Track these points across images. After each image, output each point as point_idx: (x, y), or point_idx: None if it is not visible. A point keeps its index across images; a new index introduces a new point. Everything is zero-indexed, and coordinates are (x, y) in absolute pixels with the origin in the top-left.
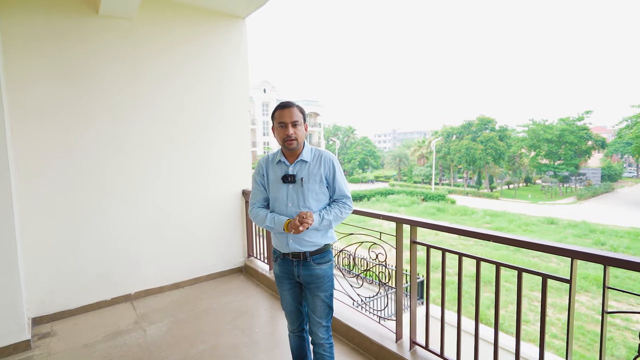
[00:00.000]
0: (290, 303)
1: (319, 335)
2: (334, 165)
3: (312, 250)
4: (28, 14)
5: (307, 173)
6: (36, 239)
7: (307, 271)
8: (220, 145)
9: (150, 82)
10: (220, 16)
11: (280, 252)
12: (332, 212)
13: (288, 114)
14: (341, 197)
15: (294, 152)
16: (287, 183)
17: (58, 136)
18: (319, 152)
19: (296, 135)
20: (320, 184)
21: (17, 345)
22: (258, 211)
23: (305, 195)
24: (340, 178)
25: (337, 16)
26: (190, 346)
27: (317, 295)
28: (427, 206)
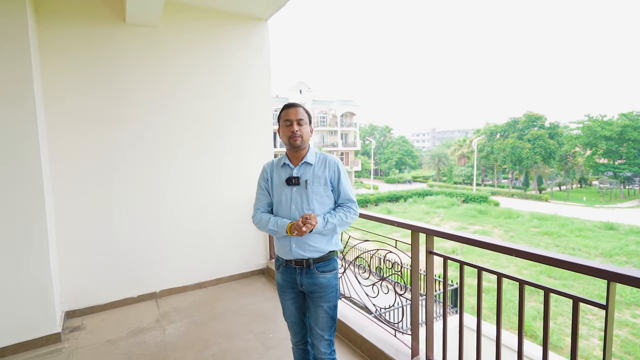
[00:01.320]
0: (293, 314)
1: (321, 349)
2: (338, 168)
3: (315, 257)
4: (64, 24)
5: (312, 175)
6: (70, 238)
7: (310, 280)
8: (244, 148)
9: (172, 86)
10: (241, 19)
11: (283, 259)
12: (337, 216)
13: (294, 112)
14: (346, 202)
15: (299, 155)
16: (291, 185)
17: (89, 139)
18: (323, 155)
19: (301, 132)
20: (325, 187)
21: (49, 338)
22: (261, 216)
23: (310, 198)
24: (345, 182)
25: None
26: (204, 348)
27: (320, 306)
28: (467, 208)
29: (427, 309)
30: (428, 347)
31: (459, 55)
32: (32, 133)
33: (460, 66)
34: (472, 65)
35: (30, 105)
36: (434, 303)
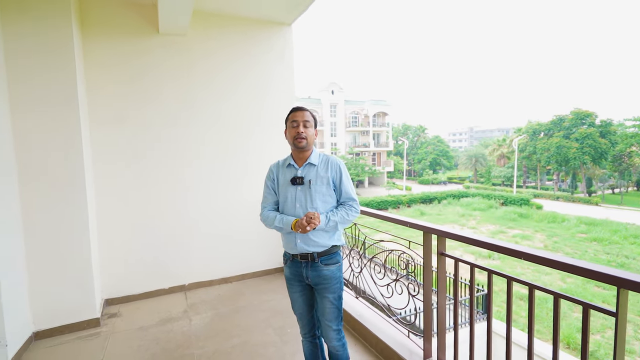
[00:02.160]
0: (301, 306)
1: (331, 338)
2: (340, 168)
3: (319, 251)
4: (105, 36)
5: (315, 175)
6: (110, 232)
7: (315, 272)
8: (267, 149)
9: (199, 90)
10: (264, 24)
11: (290, 254)
12: (339, 214)
13: (300, 115)
14: (348, 200)
15: (303, 156)
16: (295, 185)
17: (124, 142)
18: (326, 156)
19: (306, 134)
20: (328, 187)
21: (89, 322)
22: (268, 213)
23: (313, 197)
24: (347, 181)
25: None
26: (225, 340)
27: (326, 297)
28: (506, 211)
29: (438, 311)
30: (440, 350)
31: (500, 51)
32: (76, 135)
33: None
34: (514, 61)
35: (75, 110)
36: (445, 305)
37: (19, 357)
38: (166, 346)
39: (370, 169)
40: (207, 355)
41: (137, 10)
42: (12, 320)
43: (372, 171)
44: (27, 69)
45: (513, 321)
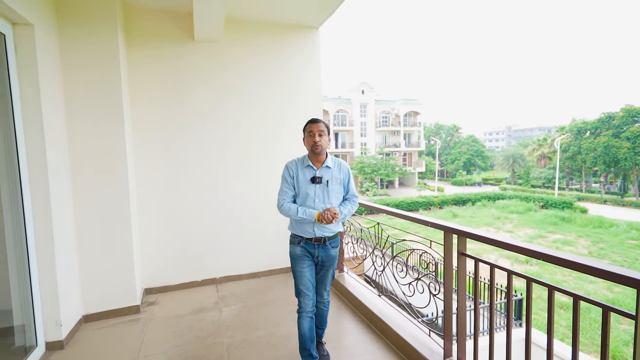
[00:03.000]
0: (308, 280)
1: (324, 296)
2: (349, 172)
3: (329, 235)
4: (146, 45)
5: (331, 176)
6: (149, 228)
7: (325, 252)
8: (295, 149)
9: (229, 93)
10: (292, 29)
11: (303, 237)
12: (347, 207)
13: (316, 127)
14: (352, 196)
15: (319, 159)
16: (315, 183)
17: (162, 145)
18: (338, 161)
19: (321, 142)
20: (340, 186)
21: (131, 308)
22: (289, 205)
23: (330, 194)
24: (352, 182)
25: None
26: (252, 330)
27: (329, 271)
28: (546, 214)
29: (458, 311)
30: (460, 349)
31: (541, 46)
32: (120, 138)
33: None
34: (557, 56)
35: (120, 115)
36: (466, 306)
37: (71, 336)
38: (198, 334)
39: (400, 170)
40: (236, 344)
41: (175, 20)
42: (66, 304)
43: (402, 172)
44: (79, 77)
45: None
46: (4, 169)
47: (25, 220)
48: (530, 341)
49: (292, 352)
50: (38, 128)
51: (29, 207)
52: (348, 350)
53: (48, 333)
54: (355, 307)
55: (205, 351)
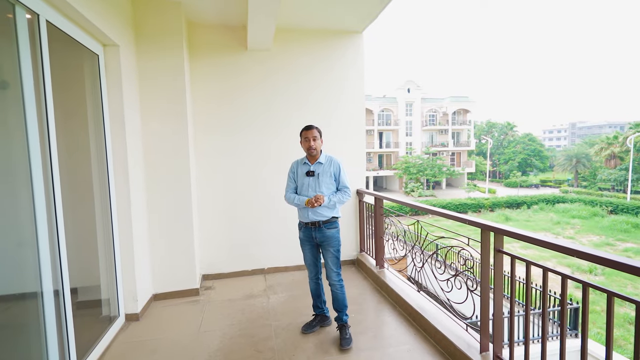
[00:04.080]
0: (309, 257)
1: (332, 278)
2: (339, 166)
3: (323, 220)
4: (206, 56)
5: (322, 170)
6: (207, 220)
7: (320, 234)
8: (338, 148)
9: (278, 96)
10: (337, 34)
11: (303, 222)
12: (337, 196)
13: (310, 133)
14: (343, 187)
15: (314, 157)
16: (309, 176)
17: (217, 144)
18: (330, 158)
19: (315, 146)
20: (330, 178)
21: (191, 291)
22: (291, 195)
23: (320, 184)
24: (344, 174)
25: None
26: (296, 317)
27: (329, 250)
28: (616, 220)
29: (495, 307)
30: (496, 344)
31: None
32: (184, 139)
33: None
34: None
35: (184, 118)
36: (502, 302)
37: (144, 310)
38: (249, 316)
39: (448, 170)
40: (282, 327)
41: (230, 33)
42: (141, 283)
43: (450, 172)
44: (152, 87)
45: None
46: (96, 166)
47: (112, 210)
48: (587, 352)
49: (334, 337)
50: (121, 131)
51: (114, 199)
52: (387, 340)
53: (127, 306)
54: (395, 301)
55: (255, 331)
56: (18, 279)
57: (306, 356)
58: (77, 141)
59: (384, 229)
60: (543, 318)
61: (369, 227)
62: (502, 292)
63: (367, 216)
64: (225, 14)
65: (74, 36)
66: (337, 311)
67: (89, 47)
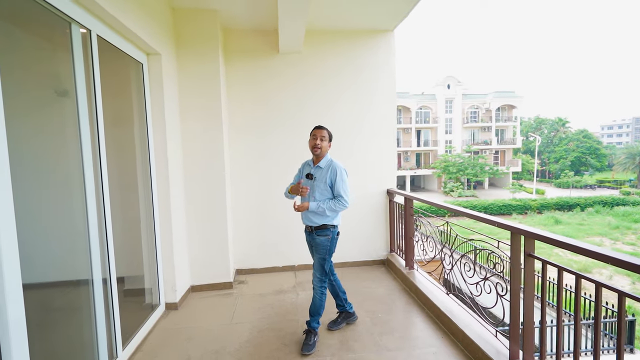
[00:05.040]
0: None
1: (314, 282)
2: (337, 173)
3: (314, 225)
4: (240, 59)
5: (319, 175)
6: (240, 217)
7: (311, 238)
8: (369, 147)
9: (309, 97)
10: (368, 33)
11: (305, 225)
12: (328, 203)
13: (319, 132)
14: (338, 196)
15: (318, 159)
16: (307, 179)
17: (251, 143)
18: (331, 164)
19: (320, 145)
20: (325, 184)
21: (225, 284)
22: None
23: (315, 189)
24: (340, 183)
25: None
26: (324, 314)
27: (315, 255)
28: None
29: (525, 312)
30: (527, 352)
31: None
32: (219, 140)
33: None
34: None
35: (219, 121)
36: (533, 308)
37: (182, 300)
38: (278, 311)
39: (491, 169)
40: None
41: (263, 37)
42: (180, 275)
43: (493, 171)
44: (190, 90)
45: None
46: (140, 166)
47: (154, 207)
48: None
49: (359, 334)
50: (162, 133)
51: (156, 195)
52: (414, 341)
53: (167, 296)
54: (423, 303)
55: (283, 325)
56: (76, 267)
57: (330, 352)
58: (123, 142)
59: (413, 230)
60: (576, 330)
61: (399, 227)
62: (533, 298)
63: (397, 216)
64: (258, 19)
65: (122, 48)
66: (310, 315)
67: (134, 57)
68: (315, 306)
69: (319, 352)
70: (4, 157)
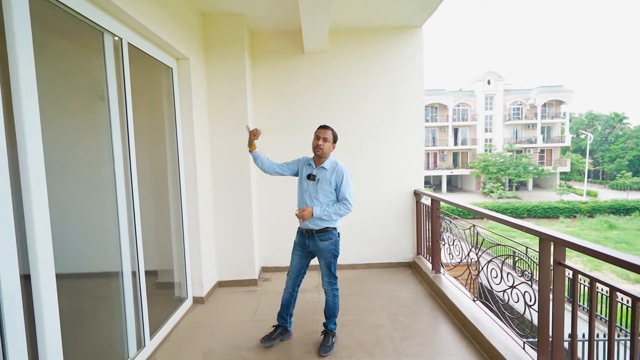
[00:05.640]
0: (296, 264)
1: (325, 286)
2: (343, 176)
3: (317, 229)
4: (265, 61)
5: (323, 177)
6: (265, 217)
7: (313, 243)
8: (396, 147)
9: (336, 97)
10: (395, 30)
11: (301, 228)
12: (334, 207)
13: (322, 132)
14: (343, 199)
15: (320, 161)
16: (309, 180)
17: (277, 144)
18: (336, 165)
19: (323, 146)
20: (330, 186)
21: (250, 281)
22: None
23: (318, 191)
24: (345, 186)
25: None
26: (344, 314)
27: (321, 260)
28: None
29: (554, 324)
30: None
31: None
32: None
33: None
34: None
35: (245, 120)
36: (563, 320)
37: (209, 295)
38: (300, 309)
39: (535, 169)
40: None
41: (288, 38)
42: (207, 270)
43: (538, 171)
44: (217, 92)
45: None
46: (170, 164)
47: (182, 204)
48: None
49: (380, 338)
50: (190, 132)
51: (184, 193)
52: (437, 349)
53: (194, 290)
54: (449, 308)
55: (303, 324)
56: (108, 260)
57: (348, 354)
58: (154, 144)
59: (440, 232)
60: (610, 347)
61: (426, 229)
62: (564, 309)
63: (424, 218)
64: (282, 20)
65: (152, 54)
66: (326, 317)
67: (164, 62)
68: (329, 308)
69: (336, 353)
70: (39, 158)
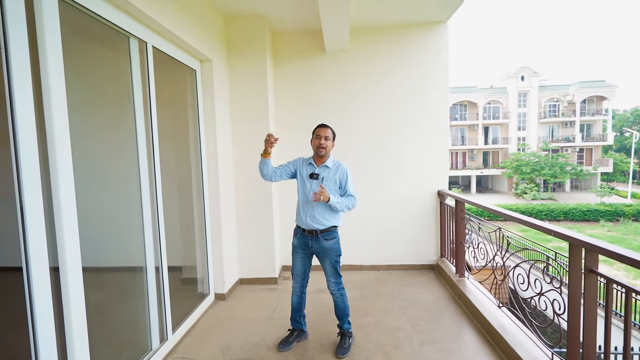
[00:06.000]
0: (299, 268)
1: (331, 287)
2: (346, 173)
3: (321, 228)
4: (287, 61)
5: (327, 175)
6: (285, 217)
7: (317, 244)
8: (421, 146)
9: (359, 97)
10: (418, 26)
11: (300, 228)
12: (345, 201)
13: (323, 131)
14: (349, 195)
15: (321, 160)
16: (312, 179)
17: (298, 144)
18: (338, 163)
19: (325, 145)
20: (334, 184)
21: (271, 279)
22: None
23: None
24: (350, 184)
25: None
26: (363, 316)
27: (325, 261)
28: None
29: (585, 335)
30: None
31: None
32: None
33: None
34: None
35: (266, 120)
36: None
37: (230, 292)
38: (318, 309)
39: (574, 169)
40: None
41: (309, 37)
42: (228, 268)
43: (577, 172)
44: (240, 92)
45: None
46: (193, 162)
47: (205, 203)
48: None
49: (399, 342)
50: (212, 132)
51: (207, 192)
52: (457, 355)
53: (216, 287)
54: (472, 314)
55: (321, 324)
56: (133, 255)
57: (365, 356)
58: (177, 143)
59: (464, 234)
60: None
61: (450, 231)
62: (596, 320)
63: (448, 220)
64: (303, 20)
65: (177, 57)
66: (339, 319)
67: (188, 64)
68: (340, 310)
69: (353, 355)
70: (68, 157)
